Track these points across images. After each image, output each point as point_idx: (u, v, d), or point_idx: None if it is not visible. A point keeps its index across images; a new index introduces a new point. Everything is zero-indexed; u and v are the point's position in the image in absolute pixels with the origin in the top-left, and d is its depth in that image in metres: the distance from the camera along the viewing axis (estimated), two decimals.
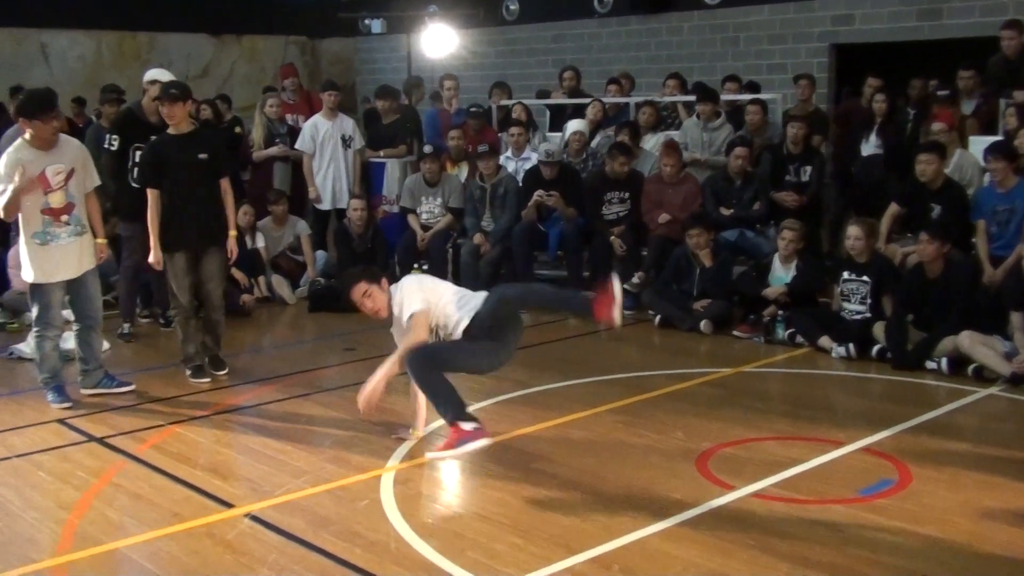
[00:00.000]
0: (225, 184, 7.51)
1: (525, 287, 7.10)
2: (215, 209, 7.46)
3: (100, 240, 7.03)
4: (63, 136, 6.90)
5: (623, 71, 12.65)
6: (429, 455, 5.65)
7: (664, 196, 9.77)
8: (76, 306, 6.97)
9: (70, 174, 6.73)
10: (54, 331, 6.86)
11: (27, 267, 6.74)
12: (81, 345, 7.07)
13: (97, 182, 7.08)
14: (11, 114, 10.05)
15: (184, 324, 7.53)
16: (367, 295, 5.80)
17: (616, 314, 5.52)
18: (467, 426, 5.43)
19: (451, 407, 5.51)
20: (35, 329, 6.90)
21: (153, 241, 7.34)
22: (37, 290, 6.77)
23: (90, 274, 6.92)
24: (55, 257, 6.70)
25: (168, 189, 7.32)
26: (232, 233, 7.56)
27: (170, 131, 7.46)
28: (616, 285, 5.51)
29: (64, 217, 6.72)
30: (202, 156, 7.39)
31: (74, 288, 6.87)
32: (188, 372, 7.55)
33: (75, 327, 7.07)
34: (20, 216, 6.66)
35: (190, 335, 7.53)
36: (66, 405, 6.78)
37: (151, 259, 7.40)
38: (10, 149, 6.67)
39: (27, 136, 6.65)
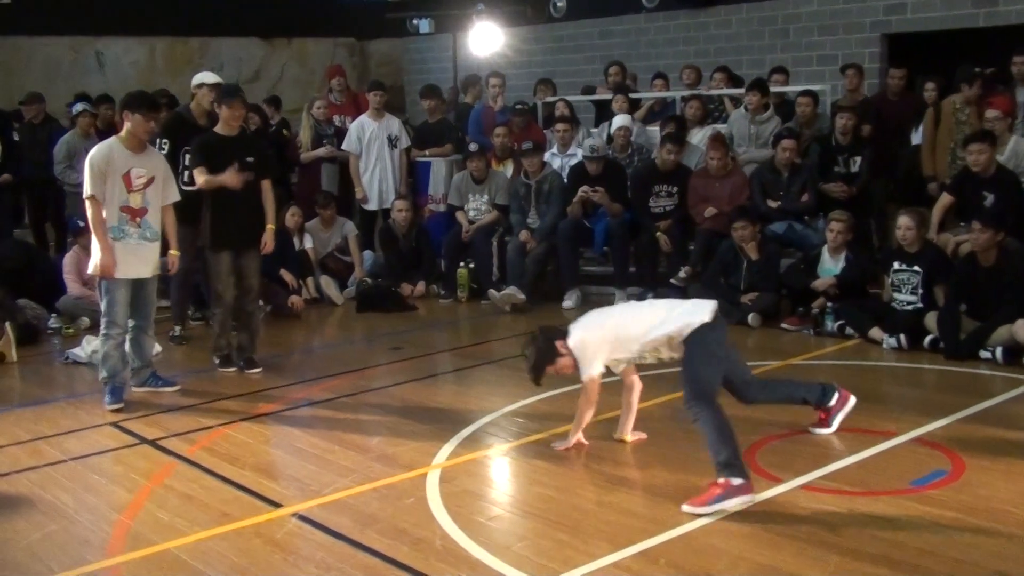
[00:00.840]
0: (267, 184, 7.75)
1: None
2: (259, 209, 7.73)
3: (173, 252, 7.26)
4: (150, 147, 7.24)
5: (689, 63, 12.51)
6: (686, 508, 4.86)
7: (711, 190, 9.71)
8: (133, 307, 7.11)
9: (150, 181, 7.02)
10: (118, 329, 7.01)
11: (96, 261, 6.90)
12: (132, 345, 7.24)
13: (176, 197, 7.30)
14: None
15: (224, 320, 7.82)
16: (563, 358, 5.57)
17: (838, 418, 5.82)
18: (736, 481, 4.86)
19: (726, 450, 4.97)
20: (102, 326, 7.07)
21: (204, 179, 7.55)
22: (103, 286, 6.97)
23: (151, 280, 7.16)
24: (123, 254, 6.91)
25: (216, 189, 7.53)
26: (270, 227, 7.76)
27: (219, 131, 7.67)
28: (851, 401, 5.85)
29: (138, 219, 6.98)
30: (249, 159, 7.63)
31: (136, 289, 7.06)
32: (216, 361, 7.86)
33: (129, 325, 7.20)
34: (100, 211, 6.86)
35: (226, 330, 7.86)
36: (118, 407, 6.90)
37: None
38: (101, 144, 7.02)
39: (122, 134, 6.97)
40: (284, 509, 5.07)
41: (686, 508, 4.84)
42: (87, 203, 6.88)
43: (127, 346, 7.20)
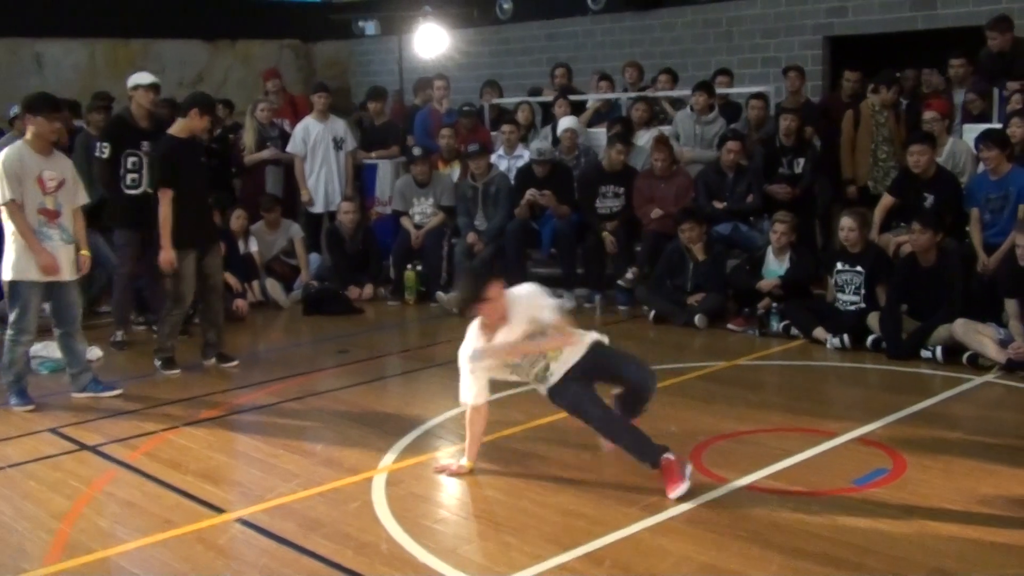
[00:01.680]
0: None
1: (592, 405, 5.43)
2: (210, 207, 8.10)
3: (84, 252, 7.12)
4: (57, 151, 7.10)
5: (630, 61, 12.52)
6: (673, 496, 4.97)
7: (656, 191, 9.75)
8: (57, 313, 7.03)
9: (61, 183, 6.93)
10: (28, 336, 6.94)
11: (10, 265, 6.78)
12: (65, 351, 7.17)
13: (85, 200, 7.20)
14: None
15: (176, 322, 7.84)
16: (494, 298, 5.24)
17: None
18: (666, 457, 5.06)
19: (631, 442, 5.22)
20: (10, 332, 6.94)
21: (165, 241, 7.54)
22: (17, 291, 6.83)
23: (72, 284, 7.07)
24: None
25: (181, 191, 7.57)
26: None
27: (178, 135, 7.70)
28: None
29: (55, 221, 6.89)
30: (203, 160, 7.90)
31: (57, 295, 6.96)
32: (159, 363, 7.79)
33: (56, 333, 7.13)
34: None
35: (176, 332, 7.89)
36: (29, 408, 6.86)
37: (162, 259, 7.55)
38: (9, 149, 6.87)
39: (28, 137, 6.85)
40: (227, 515, 5.02)
41: (673, 496, 4.95)
42: (4, 209, 6.73)
43: (61, 353, 7.11)
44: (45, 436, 6.39)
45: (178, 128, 7.72)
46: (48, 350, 8.11)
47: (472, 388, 5.36)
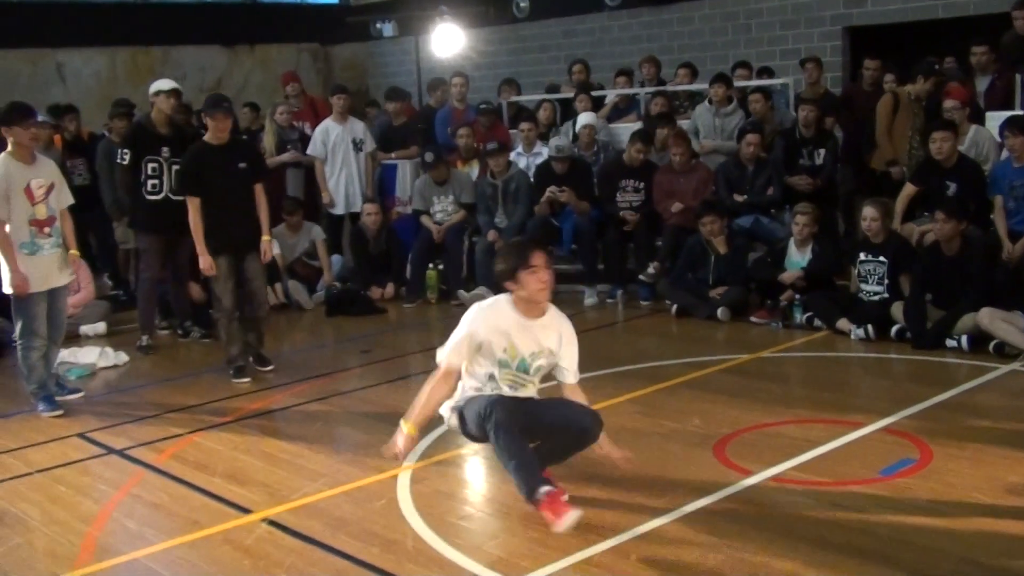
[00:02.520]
0: (259, 190, 7.79)
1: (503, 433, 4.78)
2: (254, 213, 7.75)
3: (73, 251, 7.19)
4: (40, 155, 7.16)
5: (647, 57, 12.48)
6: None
7: (676, 185, 9.74)
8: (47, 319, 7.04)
9: (50, 188, 6.97)
10: (39, 341, 6.95)
11: (9, 280, 6.81)
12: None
13: (70, 201, 7.25)
14: None
15: (228, 326, 7.76)
16: (540, 267, 4.84)
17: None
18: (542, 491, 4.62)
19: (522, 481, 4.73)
20: (20, 341, 6.99)
21: (200, 248, 7.57)
22: (21, 302, 6.88)
23: (63, 288, 7.15)
24: (42, 267, 6.88)
25: (210, 197, 7.55)
26: (265, 238, 7.77)
27: (209, 141, 7.66)
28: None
29: (47, 229, 6.94)
30: (242, 165, 7.69)
31: (49, 300, 7.00)
32: (231, 372, 7.73)
33: None
34: (7, 229, 6.77)
35: (234, 337, 7.77)
36: (57, 413, 6.92)
37: (202, 265, 7.58)
38: None
39: (9, 149, 6.88)
40: (254, 515, 5.04)
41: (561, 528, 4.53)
42: None
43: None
44: (73, 441, 6.45)
45: (208, 134, 7.76)
46: (75, 355, 8.20)
47: (459, 349, 4.91)
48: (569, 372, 5.10)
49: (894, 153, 9.62)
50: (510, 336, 4.90)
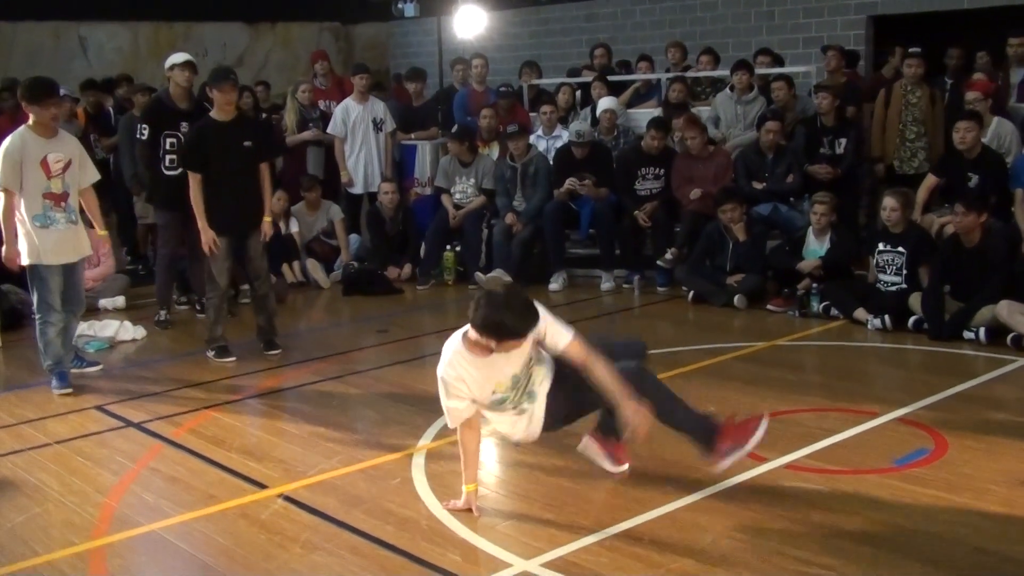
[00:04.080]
0: (265, 168, 7.70)
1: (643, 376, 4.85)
2: (258, 193, 7.67)
3: (102, 232, 7.23)
4: (62, 131, 7.12)
5: (673, 41, 12.42)
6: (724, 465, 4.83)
7: (695, 171, 9.72)
8: (63, 293, 7.02)
9: (68, 164, 6.93)
10: (56, 316, 6.94)
11: (26, 251, 6.85)
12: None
13: (95, 178, 7.23)
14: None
15: (218, 307, 7.72)
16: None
17: (730, 457, 4.75)
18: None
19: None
20: (37, 316, 7.00)
21: (202, 224, 7.50)
22: (36, 275, 6.89)
23: (80, 263, 7.11)
24: (55, 240, 6.86)
25: (213, 174, 7.47)
26: (267, 219, 7.72)
27: (215, 117, 7.58)
28: (761, 429, 4.79)
29: (62, 204, 6.90)
30: (247, 144, 7.56)
31: (64, 275, 6.98)
32: (212, 353, 7.69)
33: None
34: (22, 201, 6.79)
35: (221, 317, 7.75)
36: (67, 391, 6.89)
37: (204, 241, 7.52)
38: (13, 135, 6.88)
39: (30, 122, 6.85)
40: (269, 490, 5.08)
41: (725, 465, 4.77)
42: (0, 195, 6.79)
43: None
44: (91, 413, 6.50)
45: (214, 109, 7.74)
46: (94, 329, 8.25)
47: (458, 408, 4.62)
48: (559, 336, 4.61)
49: (882, 150, 9.62)
50: (490, 379, 4.58)
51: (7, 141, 6.80)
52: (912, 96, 9.47)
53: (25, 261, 6.89)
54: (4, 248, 6.89)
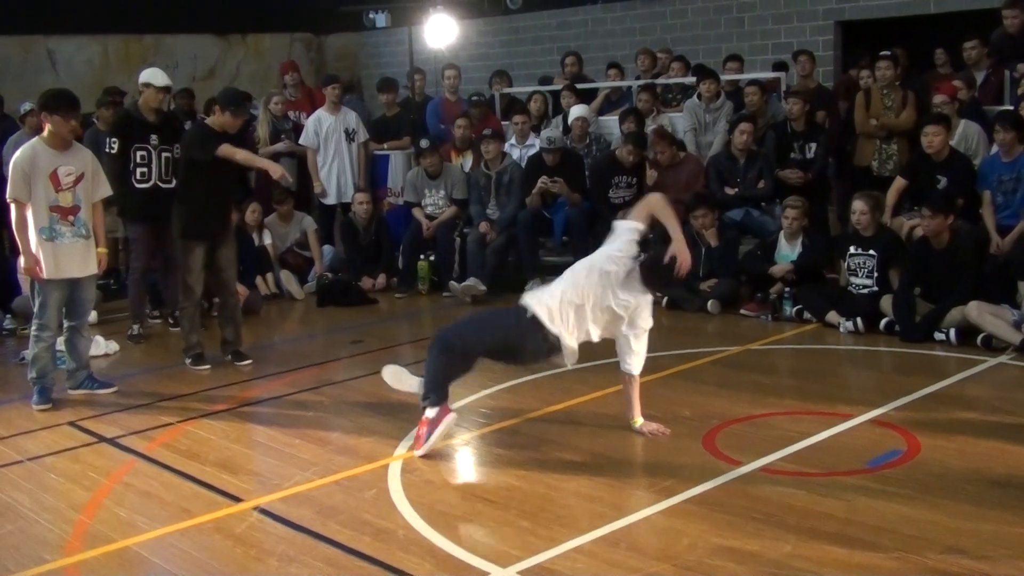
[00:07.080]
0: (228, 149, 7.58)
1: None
2: (230, 203, 8.02)
3: (101, 249, 7.10)
4: (76, 143, 7.05)
5: (643, 49, 12.49)
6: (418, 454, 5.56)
7: (666, 178, 9.76)
8: (69, 306, 6.99)
9: (79, 178, 6.87)
10: (49, 332, 6.89)
11: (23, 261, 6.80)
12: (68, 345, 7.12)
13: (107, 193, 7.16)
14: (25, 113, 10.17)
15: (193, 316, 7.76)
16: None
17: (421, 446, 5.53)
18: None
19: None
20: (33, 328, 6.94)
21: (258, 161, 7.87)
22: (39, 287, 6.85)
23: (89, 279, 7.02)
24: (59, 254, 6.78)
25: (203, 181, 7.51)
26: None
27: (212, 125, 7.67)
28: (446, 423, 5.57)
29: (70, 217, 6.83)
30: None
31: (72, 290, 6.92)
32: (188, 360, 7.71)
33: (64, 325, 7.09)
34: (29, 212, 6.73)
35: (196, 326, 7.79)
36: (46, 407, 6.82)
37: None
38: (24, 146, 6.84)
39: (44, 133, 6.80)
40: (245, 503, 5.05)
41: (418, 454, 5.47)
42: (12, 206, 6.75)
43: (63, 347, 7.12)
44: (64, 429, 6.44)
45: (212, 119, 7.71)
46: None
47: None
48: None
49: (864, 156, 9.69)
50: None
51: (18, 153, 6.77)
52: (887, 100, 9.53)
53: (22, 275, 6.85)
54: (22, 259, 6.82)
